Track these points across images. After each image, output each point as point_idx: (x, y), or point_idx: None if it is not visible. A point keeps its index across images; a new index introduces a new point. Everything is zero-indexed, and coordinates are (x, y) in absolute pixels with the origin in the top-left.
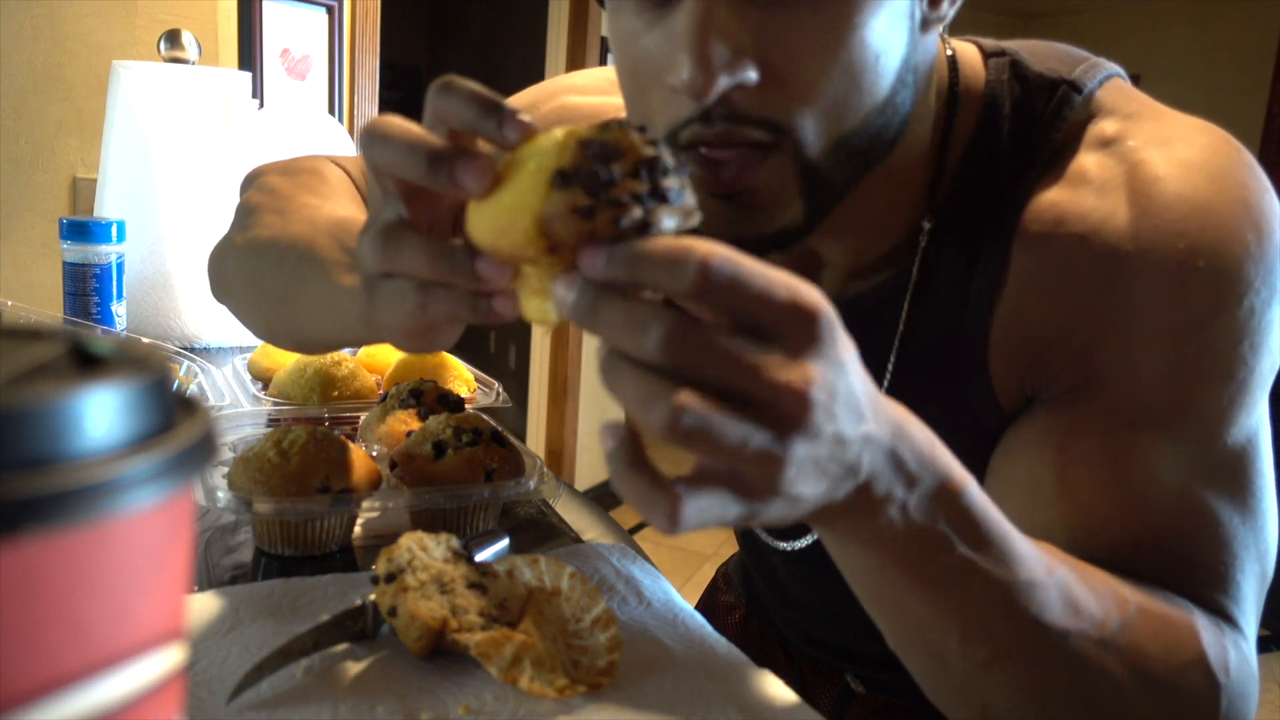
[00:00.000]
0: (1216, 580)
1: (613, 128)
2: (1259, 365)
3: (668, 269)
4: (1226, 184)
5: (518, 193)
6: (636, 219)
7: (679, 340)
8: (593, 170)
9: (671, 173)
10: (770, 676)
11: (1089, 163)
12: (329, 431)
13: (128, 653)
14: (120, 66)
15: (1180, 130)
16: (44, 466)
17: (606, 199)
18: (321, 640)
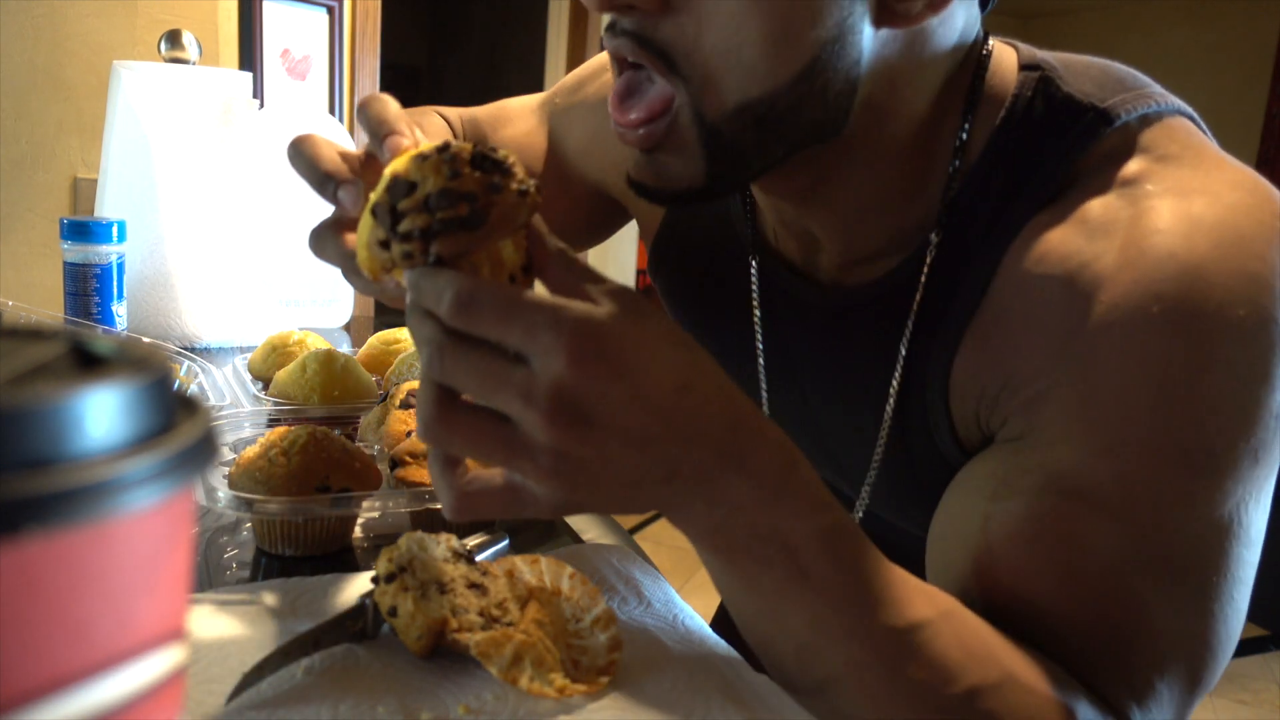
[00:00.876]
0: (1128, 680)
1: (429, 158)
2: (1237, 456)
3: (434, 301)
4: (1234, 250)
5: (365, 221)
6: (418, 250)
7: (439, 358)
8: (383, 204)
9: (460, 200)
10: (768, 681)
11: (1097, 203)
12: (329, 431)
13: (128, 653)
14: (121, 67)
15: (1212, 183)
16: (44, 466)
17: (394, 234)
18: (321, 640)
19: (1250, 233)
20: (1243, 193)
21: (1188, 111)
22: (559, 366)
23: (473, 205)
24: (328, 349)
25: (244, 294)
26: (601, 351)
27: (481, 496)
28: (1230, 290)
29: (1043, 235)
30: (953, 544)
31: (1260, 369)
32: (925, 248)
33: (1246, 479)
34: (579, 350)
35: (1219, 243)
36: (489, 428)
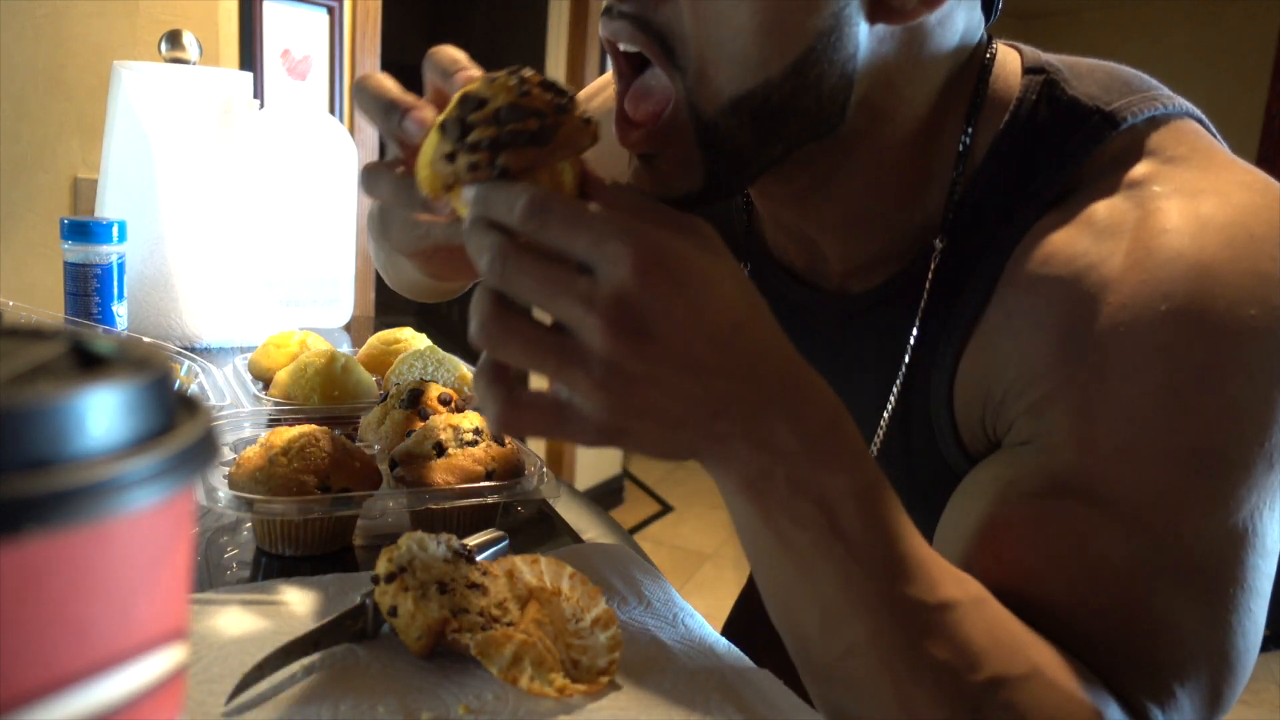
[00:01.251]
0: (1149, 686)
1: (498, 78)
2: (1251, 460)
3: (505, 207)
4: (1244, 249)
5: (426, 144)
6: (485, 162)
7: (499, 267)
8: (456, 119)
9: (528, 116)
10: (770, 676)
11: (1103, 205)
12: (329, 431)
13: (128, 653)
14: (121, 67)
15: (1221, 184)
16: (45, 466)
17: (463, 146)
18: (322, 640)
19: (1260, 232)
20: (1253, 193)
21: (1196, 114)
22: (624, 274)
23: (541, 121)
24: (328, 349)
25: (244, 294)
26: (668, 267)
27: (529, 410)
28: (1241, 289)
29: (1048, 237)
30: (957, 548)
31: (1273, 370)
32: (929, 253)
33: (1261, 485)
34: (646, 261)
35: (1229, 242)
36: (544, 333)
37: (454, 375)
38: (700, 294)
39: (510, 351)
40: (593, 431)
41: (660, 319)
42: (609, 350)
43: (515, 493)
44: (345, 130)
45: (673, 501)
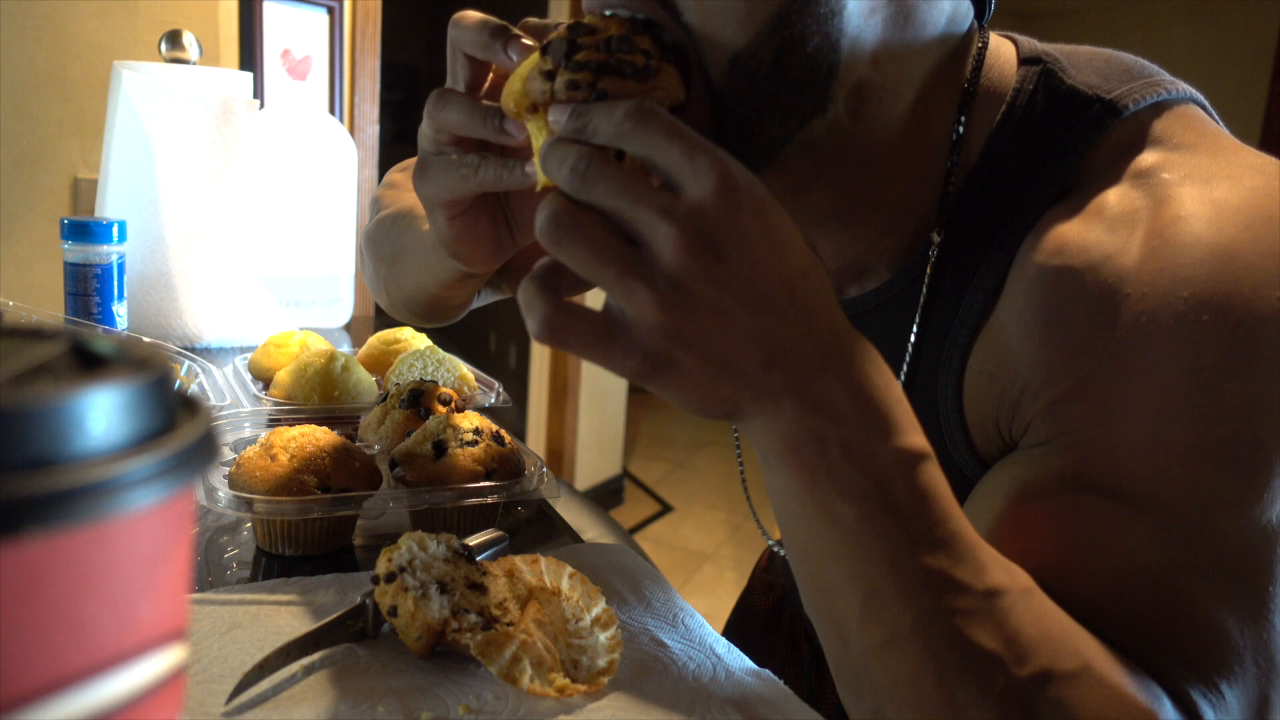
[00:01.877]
0: (1192, 676)
1: (614, 14)
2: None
3: (603, 117)
4: (1263, 232)
5: (522, 67)
6: (588, 82)
7: (582, 170)
8: (562, 40)
9: (633, 49)
10: (770, 676)
11: (1114, 194)
12: (329, 431)
13: (129, 652)
14: (121, 67)
15: (1232, 168)
16: (45, 466)
17: (566, 66)
18: (322, 640)
19: (1277, 214)
20: (1265, 176)
21: (1198, 98)
22: (709, 188)
23: (647, 60)
24: (328, 349)
25: (244, 294)
26: (752, 194)
27: (574, 319)
28: (1265, 272)
29: (1057, 229)
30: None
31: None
32: (928, 248)
33: None
34: (733, 182)
35: (1246, 225)
36: (614, 236)
37: (454, 375)
38: (777, 229)
39: (575, 249)
40: (638, 356)
41: (735, 242)
42: (679, 264)
43: (515, 493)
44: (345, 130)
45: (673, 501)
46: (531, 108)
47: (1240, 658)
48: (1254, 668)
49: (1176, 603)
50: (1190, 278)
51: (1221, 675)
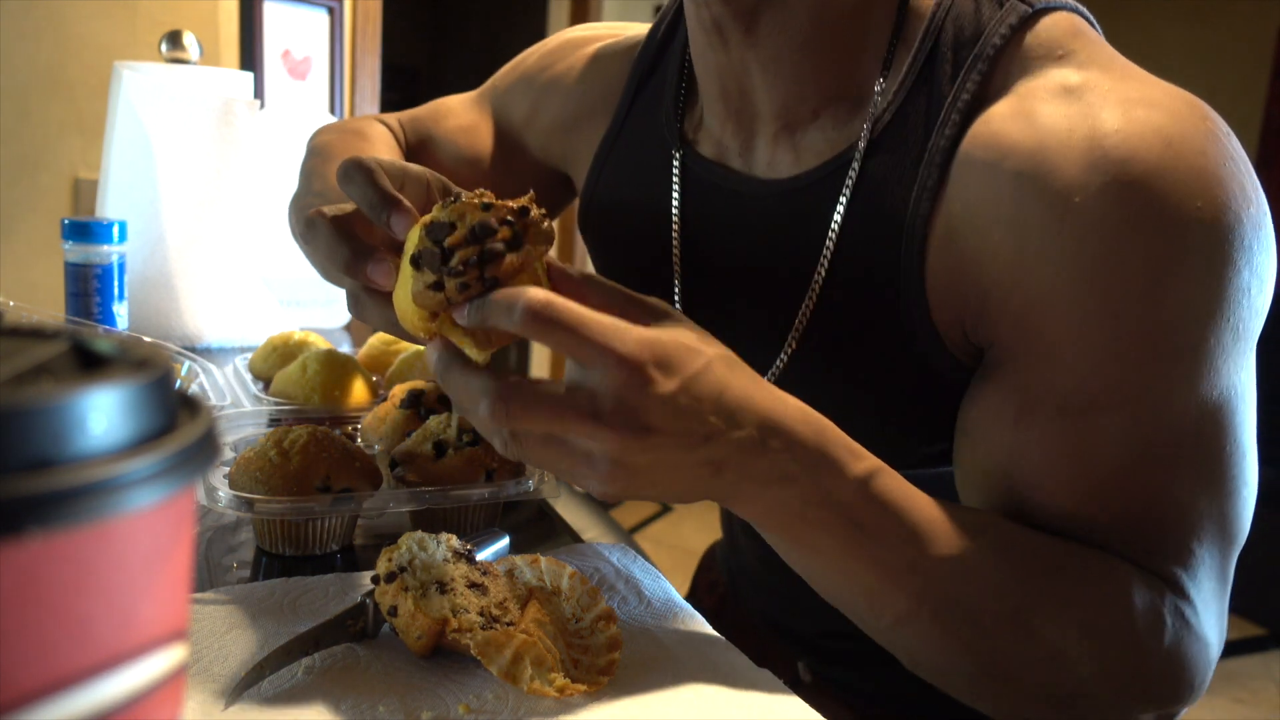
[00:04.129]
0: (1168, 550)
1: (448, 204)
2: (1218, 336)
3: (505, 315)
4: (1184, 149)
5: (403, 283)
6: (476, 279)
7: (502, 410)
8: (432, 250)
9: (499, 226)
10: (770, 675)
11: (1047, 109)
12: (329, 431)
13: (130, 652)
14: (122, 67)
15: (1148, 90)
16: (46, 466)
17: (447, 271)
18: (322, 640)
19: (1189, 132)
20: (1179, 100)
21: (1084, 11)
22: (623, 377)
23: (513, 228)
24: (328, 349)
25: (245, 294)
26: (658, 361)
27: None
28: (1186, 185)
29: (999, 131)
30: (981, 465)
31: (1225, 253)
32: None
33: (1232, 353)
34: (636, 367)
35: (1169, 143)
36: (553, 449)
37: None
38: (686, 375)
39: (530, 425)
40: (601, 496)
41: (658, 411)
42: (617, 452)
43: (515, 493)
44: None
45: None
46: (432, 316)
47: (1204, 515)
48: (1215, 527)
49: (1146, 486)
50: (1127, 197)
51: (1193, 537)
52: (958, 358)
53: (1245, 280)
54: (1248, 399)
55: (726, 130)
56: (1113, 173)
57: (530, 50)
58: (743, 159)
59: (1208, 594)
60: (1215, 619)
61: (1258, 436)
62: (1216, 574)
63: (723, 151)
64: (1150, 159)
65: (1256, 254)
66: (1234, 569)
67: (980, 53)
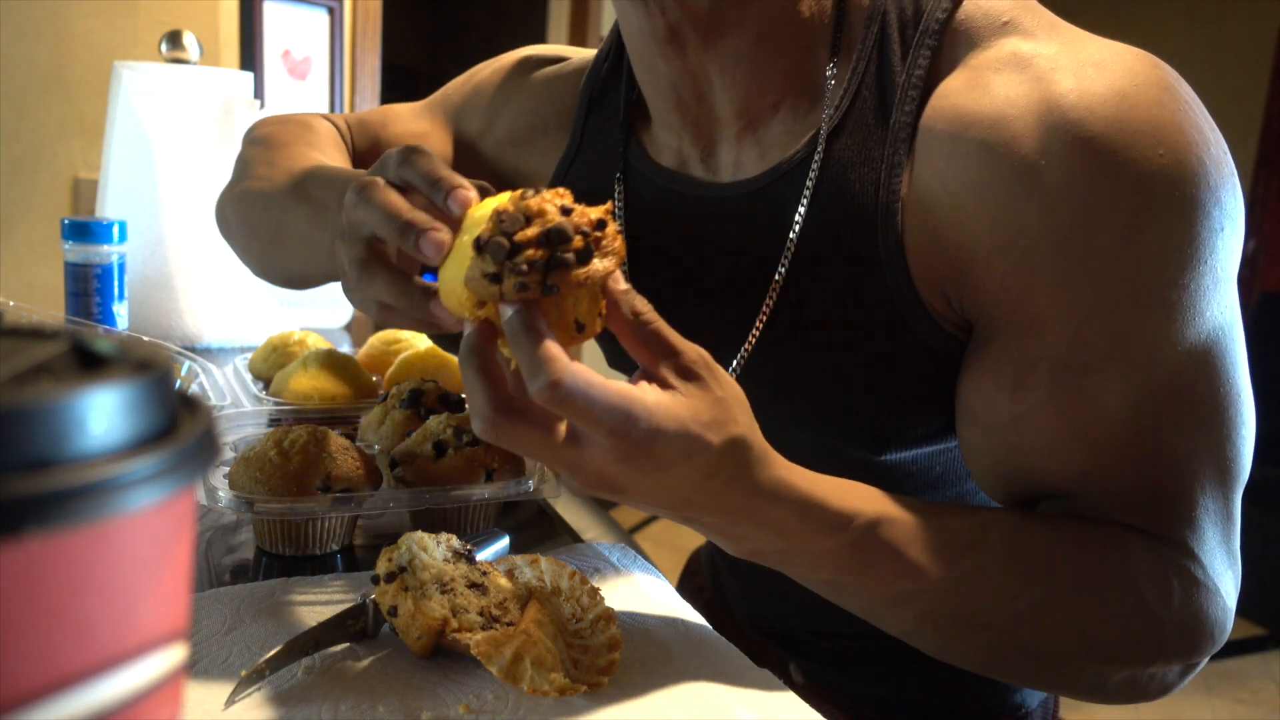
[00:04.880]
0: (1171, 506)
1: (529, 195)
2: (1197, 280)
3: (527, 370)
4: (1139, 102)
5: (454, 261)
6: (537, 283)
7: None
8: (500, 240)
9: (573, 235)
10: (769, 675)
11: (1001, 79)
12: (329, 431)
13: (130, 653)
14: (122, 67)
15: (1095, 51)
16: (46, 466)
17: (509, 267)
18: (322, 640)
19: (1143, 83)
20: (1127, 56)
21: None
22: (609, 460)
23: (586, 239)
24: (328, 349)
25: (245, 294)
26: (651, 455)
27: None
28: (1146, 137)
29: (959, 104)
30: (984, 438)
31: (1194, 196)
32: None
33: (1213, 295)
34: (630, 454)
35: (1122, 96)
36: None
37: (455, 375)
38: (675, 468)
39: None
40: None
41: (633, 489)
42: (592, 489)
43: (515, 493)
44: None
45: None
46: (478, 304)
47: (1203, 462)
48: (1216, 464)
49: (1145, 440)
50: (1092, 155)
51: (1195, 486)
52: (946, 330)
53: (1216, 221)
54: (1235, 337)
55: (685, 140)
56: (1072, 134)
57: (483, 65)
58: (705, 165)
59: (1213, 543)
60: (1226, 565)
61: (1258, 437)
62: (1222, 519)
63: (684, 161)
64: (1107, 115)
65: (1223, 193)
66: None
67: (926, 28)
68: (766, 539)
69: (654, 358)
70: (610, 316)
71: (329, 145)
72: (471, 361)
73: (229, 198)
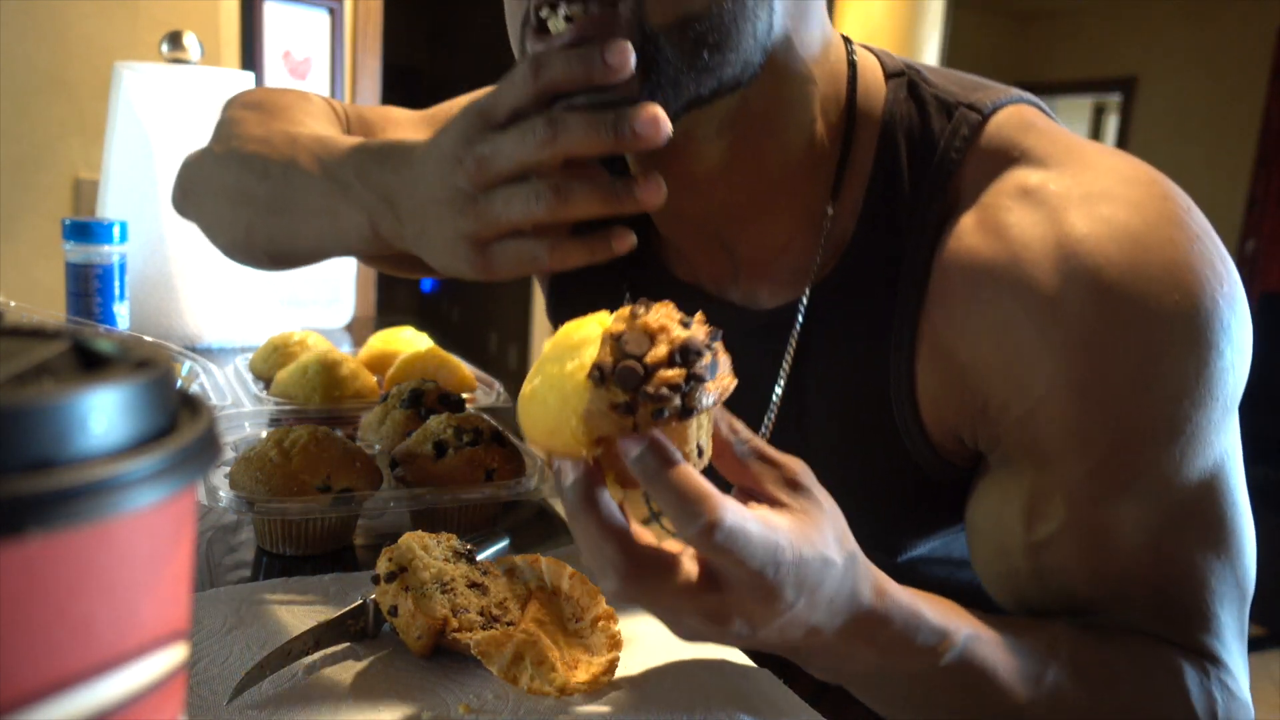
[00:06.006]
0: (1196, 620)
1: (640, 313)
2: (1208, 415)
3: (678, 514)
4: (1152, 243)
5: (560, 392)
6: (677, 408)
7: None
8: (628, 366)
9: (705, 350)
10: (770, 675)
11: (1013, 218)
12: (330, 431)
13: (130, 652)
14: (122, 67)
15: (1103, 184)
16: (47, 466)
17: (644, 394)
18: (322, 640)
19: (1154, 221)
20: (1137, 187)
21: (1032, 99)
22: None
23: (712, 354)
24: (329, 349)
25: (245, 294)
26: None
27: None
28: (1160, 282)
29: (973, 248)
30: (1000, 563)
31: (1207, 338)
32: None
33: (1221, 425)
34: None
35: (1136, 240)
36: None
37: (455, 376)
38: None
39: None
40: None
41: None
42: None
43: (515, 493)
44: None
45: None
46: (595, 442)
47: (1222, 581)
48: (1232, 580)
49: (1167, 561)
50: (1108, 295)
51: (1214, 604)
52: (953, 463)
53: (1228, 359)
54: (1236, 459)
55: (699, 265)
56: (1088, 281)
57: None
58: (716, 286)
59: (1236, 655)
60: (1245, 675)
61: (1258, 436)
62: (1239, 632)
63: (697, 277)
64: (1123, 261)
65: (1234, 329)
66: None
67: (940, 168)
68: (871, 656)
69: (758, 477)
70: (715, 439)
71: (323, 119)
72: (591, 515)
73: (210, 160)
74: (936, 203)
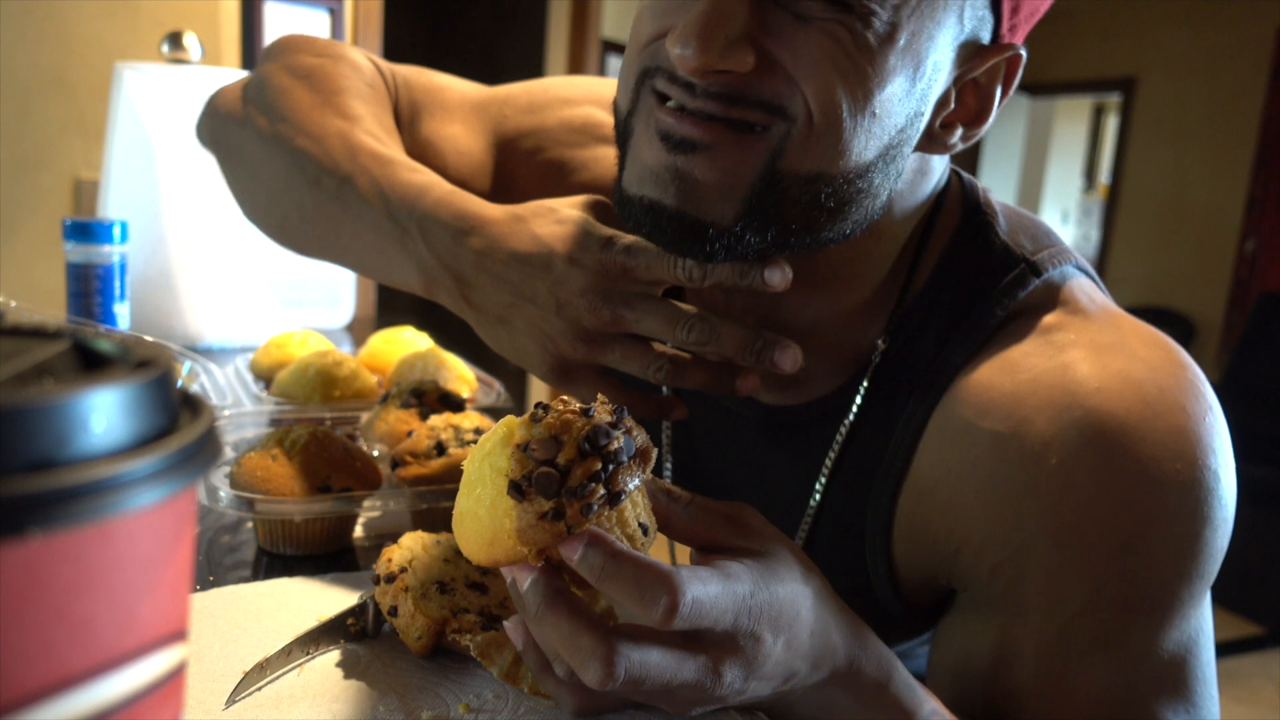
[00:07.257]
0: None
1: (540, 416)
2: (1189, 589)
3: (637, 602)
4: (1161, 408)
5: (491, 510)
6: (603, 497)
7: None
8: (543, 473)
9: (613, 432)
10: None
11: (1027, 357)
12: (330, 431)
13: (131, 652)
14: (123, 68)
15: (1125, 338)
16: (47, 466)
17: (568, 495)
18: (322, 640)
19: (1168, 386)
20: (1156, 350)
21: (1085, 265)
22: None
23: (624, 432)
24: (328, 349)
25: (246, 294)
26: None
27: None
28: (1165, 447)
29: (980, 384)
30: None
31: (1201, 512)
32: (859, 379)
33: (1199, 596)
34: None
35: (1147, 401)
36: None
37: (455, 375)
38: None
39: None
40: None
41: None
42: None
43: None
44: None
45: None
46: (537, 553)
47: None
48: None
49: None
50: (1105, 459)
51: None
52: (909, 600)
53: (1219, 538)
54: (1208, 629)
55: None
56: (1089, 433)
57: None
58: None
59: None
60: None
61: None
62: None
63: None
64: (1129, 419)
65: (1226, 501)
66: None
67: (973, 332)
68: (849, 703)
69: (710, 532)
70: (655, 504)
71: (377, 106)
72: (560, 611)
73: (250, 134)
74: (965, 350)
